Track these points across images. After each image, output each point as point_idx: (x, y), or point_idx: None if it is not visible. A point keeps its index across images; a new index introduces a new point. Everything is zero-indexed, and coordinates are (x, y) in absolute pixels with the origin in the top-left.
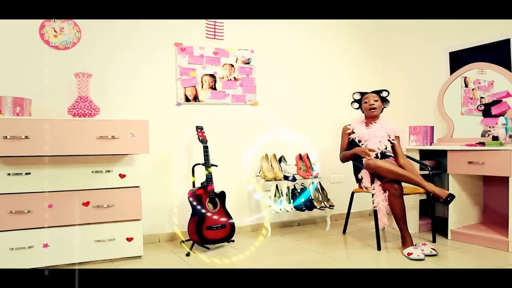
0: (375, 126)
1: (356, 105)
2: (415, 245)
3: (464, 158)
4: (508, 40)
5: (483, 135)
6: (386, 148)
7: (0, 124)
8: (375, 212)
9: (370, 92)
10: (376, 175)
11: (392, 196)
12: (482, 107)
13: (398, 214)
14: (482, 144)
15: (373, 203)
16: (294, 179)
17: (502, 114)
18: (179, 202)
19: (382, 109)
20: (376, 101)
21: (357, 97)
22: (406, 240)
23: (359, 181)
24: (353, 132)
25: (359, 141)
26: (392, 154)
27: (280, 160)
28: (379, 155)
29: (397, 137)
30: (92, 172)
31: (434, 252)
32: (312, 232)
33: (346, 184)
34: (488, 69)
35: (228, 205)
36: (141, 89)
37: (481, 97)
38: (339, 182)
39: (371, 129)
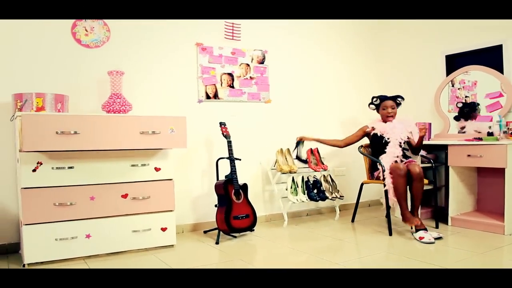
0: (394, 121)
1: (373, 107)
2: (425, 229)
3: (464, 152)
4: (501, 46)
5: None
6: (405, 143)
7: (52, 120)
8: (386, 197)
9: (389, 98)
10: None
11: (397, 176)
12: (461, 105)
13: (401, 192)
14: (479, 139)
15: (384, 186)
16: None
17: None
18: (201, 194)
19: None
20: (393, 108)
21: (377, 102)
22: (405, 216)
23: (372, 173)
24: (372, 129)
25: (381, 136)
26: (411, 157)
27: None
28: (401, 149)
29: (411, 132)
30: (130, 165)
31: (440, 235)
32: (323, 221)
33: (348, 177)
34: (482, 71)
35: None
36: (165, 87)
37: (466, 96)
38: (342, 175)
39: (392, 124)
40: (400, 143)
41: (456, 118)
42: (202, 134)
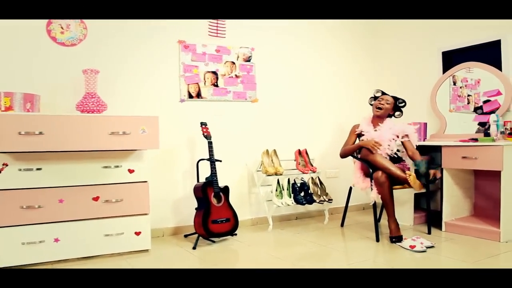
0: (383, 128)
1: (373, 100)
2: (413, 238)
3: (458, 153)
4: (499, 41)
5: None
6: (396, 151)
7: (15, 120)
8: (374, 205)
9: (390, 96)
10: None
11: (377, 185)
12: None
13: (383, 200)
14: (475, 140)
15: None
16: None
17: (493, 111)
18: (182, 196)
19: (391, 115)
20: (388, 104)
21: (378, 94)
22: (389, 226)
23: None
24: (361, 134)
25: None
26: (403, 158)
27: None
28: (387, 158)
29: (406, 135)
30: (102, 167)
31: (432, 244)
32: (311, 225)
33: (342, 179)
34: (479, 68)
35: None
36: (145, 86)
37: (468, 95)
38: (334, 177)
39: (379, 132)
40: (389, 154)
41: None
42: (185, 134)
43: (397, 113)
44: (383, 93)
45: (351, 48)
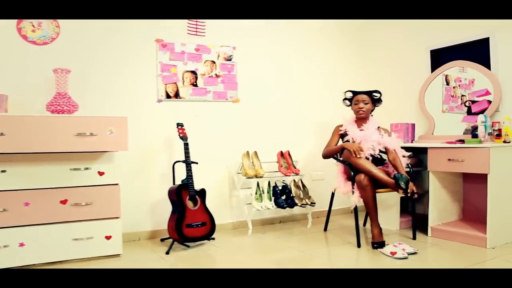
0: (368, 128)
1: (348, 102)
2: (395, 244)
3: (444, 155)
4: (488, 39)
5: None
6: (379, 153)
7: None
8: (355, 210)
9: (362, 93)
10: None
11: (359, 188)
12: (470, 103)
13: (365, 204)
14: (462, 141)
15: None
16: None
17: (481, 112)
18: (160, 199)
19: (373, 109)
20: (366, 103)
21: (349, 96)
22: (372, 231)
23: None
24: (345, 134)
25: (354, 142)
26: (386, 160)
27: None
28: (370, 158)
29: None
30: (70, 169)
31: (414, 250)
32: (294, 230)
33: (328, 181)
34: (467, 67)
35: (210, 202)
36: (121, 86)
37: (462, 95)
38: (320, 179)
39: (365, 132)
40: (372, 155)
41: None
42: (162, 135)
43: (378, 103)
44: (355, 93)
45: (337, 47)
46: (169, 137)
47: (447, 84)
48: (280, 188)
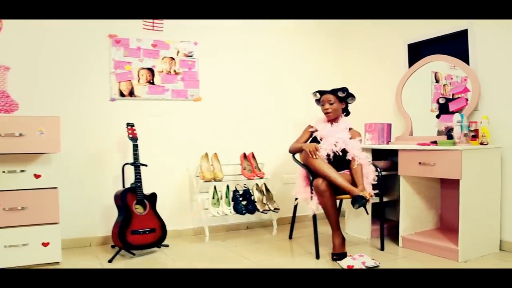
0: (339, 125)
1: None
2: (354, 256)
3: (415, 158)
4: (466, 30)
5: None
6: (340, 154)
7: None
8: (314, 218)
9: (328, 92)
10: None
11: (317, 194)
12: (444, 100)
13: (324, 212)
14: (436, 143)
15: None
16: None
17: (459, 111)
18: (113, 203)
19: (346, 106)
20: (331, 103)
21: (317, 97)
22: (333, 241)
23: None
24: (315, 130)
25: (321, 139)
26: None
27: None
28: (331, 158)
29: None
30: (4, 172)
31: (376, 264)
32: (258, 237)
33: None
34: (444, 61)
35: (169, 207)
36: (71, 84)
37: (453, 93)
38: (292, 183)
39: (335, 128)
40: (329, 154)
41: (438, 117)
42: (115, 136)
43: (350, 100)
44: (322, 93)
45: (311, 42)
46: (123, 137)
47: (437, 82)
48: (240, 192)
